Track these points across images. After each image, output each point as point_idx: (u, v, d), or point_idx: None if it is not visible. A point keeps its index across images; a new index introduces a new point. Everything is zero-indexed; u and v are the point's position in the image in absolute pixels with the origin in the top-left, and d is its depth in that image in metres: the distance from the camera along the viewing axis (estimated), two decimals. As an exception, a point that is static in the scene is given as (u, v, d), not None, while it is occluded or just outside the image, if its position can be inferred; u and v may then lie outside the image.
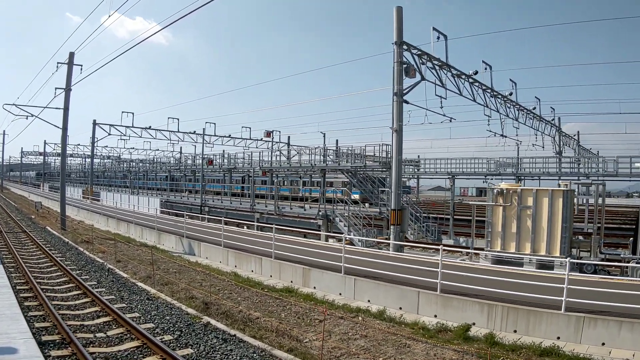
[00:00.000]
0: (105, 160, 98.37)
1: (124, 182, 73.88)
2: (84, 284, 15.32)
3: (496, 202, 21.37)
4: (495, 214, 21.47)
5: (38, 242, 25.60)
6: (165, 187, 60.33)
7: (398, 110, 22.22)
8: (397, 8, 22.53)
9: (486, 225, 21.90)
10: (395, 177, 22.45)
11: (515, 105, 36.49)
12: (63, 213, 35.42)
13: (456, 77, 27.96)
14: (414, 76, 23.22)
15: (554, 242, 20.05)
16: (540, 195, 20.48)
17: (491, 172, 41.96)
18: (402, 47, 22.53)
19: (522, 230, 20.70)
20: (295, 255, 19.35)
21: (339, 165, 35.36)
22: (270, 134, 54.27)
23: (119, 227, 35.94)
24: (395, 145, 22.27)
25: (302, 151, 40.38)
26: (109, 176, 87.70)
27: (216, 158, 52.19)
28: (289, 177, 50.88)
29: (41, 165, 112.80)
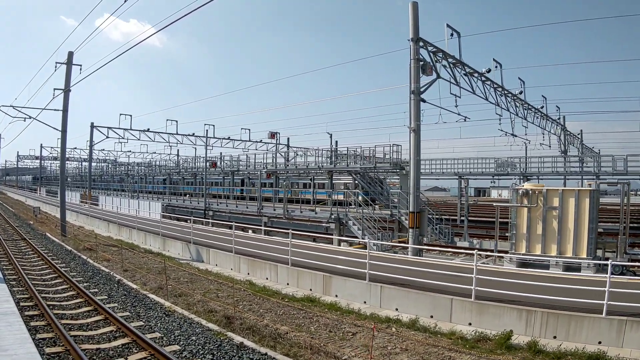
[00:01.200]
0: (102, 163, 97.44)
1: (121, 186, 72.91)
2: (94, 299, 14.30)
3: (521, 203, 20.60)
4: (519, 215, 20.72)
5: (39, 250, 24.60)
6: (164, 190, 59.44)
7: (416, 108, 21.45)
8: (413, 3, 21.76)
9: (510, 227, 21.16)
10: (414, 178, 21.66)
11: (524, 104, 35.78)
12: (63, 219, 34.43)
13: (469, 75, 27.19)
14: (431, 74, 22.47)
15: (581, 243, 19.34)
16: (566, 195, 19.76)
17: (499, 173, 41.49)
18: (418, 44, 21.79)
19: (548, 232, 19.98)
20: (313, 262, 18.50)
21: (347, 166, 34.52)
22: (274, 135, 53.39)
23: (121, 232, 34.97)
24: (413, 145, 21.50)
25: (308, 152, 39.47)
26: (107, 180, 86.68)
27: (219, 160, 51.26)
28: (290, 179, 50.02)
29: (37, 169, 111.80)
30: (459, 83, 25.70)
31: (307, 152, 39.44)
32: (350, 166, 34.04)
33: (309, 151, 39.53)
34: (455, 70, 25.46)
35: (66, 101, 33.49)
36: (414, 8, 21.77)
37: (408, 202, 27.86)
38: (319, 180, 46.32)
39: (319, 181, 46.71)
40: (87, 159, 63.54)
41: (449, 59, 24.57)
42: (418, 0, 21.62)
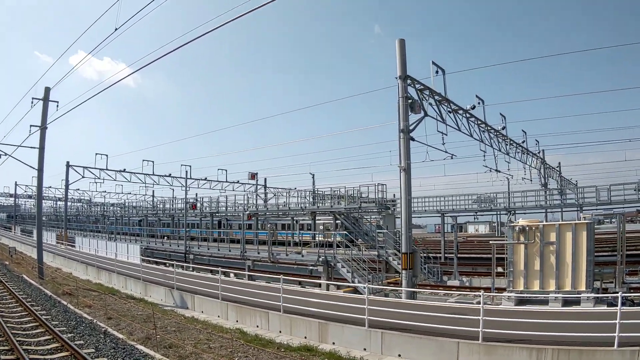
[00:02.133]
0: (77, 203, 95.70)
1: (97, 227, 71.28)
2: (80, 353, 13.40)
3: (518, 239, 20.32)
4: (516, 252, 20.43)
5: (17, 295, 23.44)
6: (140, 232, 58.07)
7: (405, 147, 21.18)
8: (400, 41, 21.73)
9: (507, 264, 20.83)
10: (406, 218, 21.22)
11: (506, 140, 35.93)
12: (40, 261, 33.05)
13: (454, 112, 27.15)
14: (419, 112, 22.31)
15: (579, 276, 19.10)
16: (563, 229, 19.59)
17: (482, 208, 41.54)
18: (406, 82, 21.64)
19: (546, 267, 19.72)
20: (306, 308, 17.80)
21: (331, 207, 34.02)
22: (254, 176, 52.89)
23: (100, 276, 33.79)
24: (404, 184, 21.13)
25: (290, 193, 38.99)
26: (82, 220, 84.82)
27: (198, 202, 50.42)
28: (269, 220, 49.13)
29: (11, 207, 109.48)
30: (445, 120, 25.60)
31: (289, 192, 38.98)
32: (334, 207, 33.54)
33: (290, 192, 39.07)
34: (442, 107, 25.40)
35: (43, 139, 32.56)
36: (401, 45, 21.70)
37: (396, 242, 27.60)
38: (298, 220, 45.62)
39: (299, 222, 46.02)
40: (63, 198, 62.20)
41: (435, 97, 24.50)
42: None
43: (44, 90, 32.85)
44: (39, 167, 32.98)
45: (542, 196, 41.00)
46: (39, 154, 32.71)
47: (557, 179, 53.80)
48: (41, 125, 32.55)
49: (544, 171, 48.82)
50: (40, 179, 34.05)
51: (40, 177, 33.74)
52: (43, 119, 32.52)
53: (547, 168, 50.37)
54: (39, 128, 32.68)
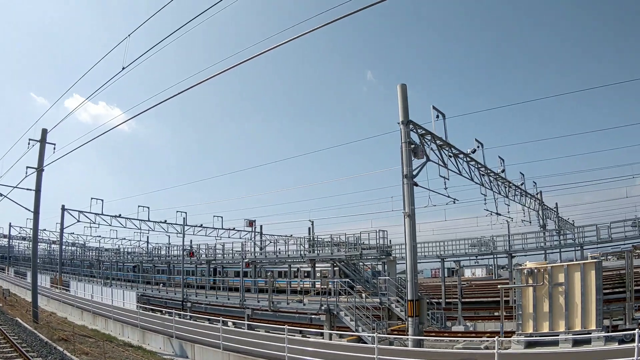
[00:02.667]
0: (71, 247, 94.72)
1: (91, 271, 70.32)
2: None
3: (526, 282, 20.09)
4: (525, 295, 20.23)
5: (12, 340, 22.98)
6: (135, 278, 57.17)
7: (409, 193, 20.98)
8: (402, 86, 21.79)
9: (516, 307, 20.61)
10: (411, 264, 20.87)
11: (505, 182, 35.88)
12: (35, 304, 32.28)
13: (455, 156, 27.10)
14: (422, 157, 22.18)
15: (589, 316, 18.89)
16: (571, 270, 19.48)
17: (483, 252, 41.30)
18: (409, 127, 21.60)
19: (555, 308, 19.50)
20: (312, 359, 17.31)
21: (331, 254, 33.63)
22: (252, 223, 52.51)
23: (96, 321, 33.03)
24: (408, 230, 20.83)
25: (288, 240, 38.66)
26: (76, 264, 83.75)
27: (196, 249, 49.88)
28: (265, 267, 48.42)
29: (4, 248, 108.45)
30: (447, 165, 25.53)
31: (288, 240, 38.64)
32: (335, 254, 33.21)
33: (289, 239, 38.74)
34: (443, 151, 25.35)
35: (39, 181, 32.16)
36: (403, 90, 21.75)
37: (398, 288, 27.24)
38: (295, 267, 45.00)
39: (295, 269, 45.41)
40: (57, 241, 61.53)
41: (437, 141, 24.48)
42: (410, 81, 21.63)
43: (41, 132, 32.54)
44: (35, 209, 32.52)
45: (541, 237, 40.82)
46: (35, 196, 32.27)
47: (555, 219, 53.81)
48: (37, 167, 32.19)
49: (542, 212, 48.75)
50: (36, 222, 33.57)
51: (36, 219, 33.28)
52: (40, 161, 32.19)
53: (545, 209, 50.37)
54: (36, 170, 32.30)
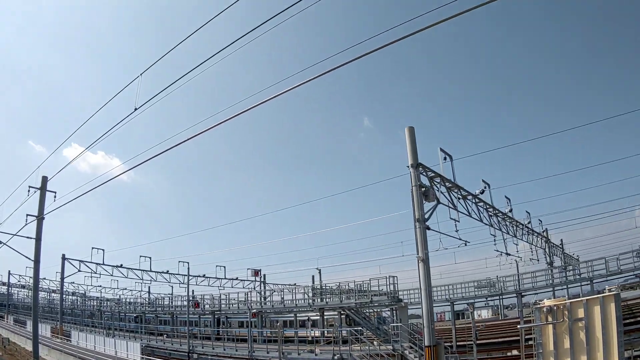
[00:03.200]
0: (71, 296, 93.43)
1: (91, 321, 69.06)
2: None
3: (546, 320, 19.56)
4: (544, 333, 19.67)
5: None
6: (137, 329, 55.96)
7: (422, 237, 20.55)
8: (409, 128, 21.65)
9: (535, 346, 20.02)
10: (427, 309, 20.32)
11: (513, 222, 35.58)
12: (36, 355, 31.06)
13: (464, 198, 26.83)
14: (433, 200, 21.87)
15: (611, 348, 18.19)
16: (591, 304, 18.91)
17: (493, 293, 40.74)
18: (418, 170, 21.37)
19: (576, 344, 18.88)
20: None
21: (341, 303, 32.95)
22: (258, 272, 51.77)
23: (99, 374, 32.18)
24: (423, 274, 20.32)
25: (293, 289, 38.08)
26: (77, 314, 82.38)
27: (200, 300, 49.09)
28: (269, 317, 47.45)
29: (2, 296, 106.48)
30: (456, 207, 25.23)
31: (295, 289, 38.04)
32: (344, 302, 32.57)
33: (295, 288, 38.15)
34: (452, 193, 25.09)
35: (39, 229, 31.14)
36: (411, 133, 21.59)
37: (410, 334, 26.58)
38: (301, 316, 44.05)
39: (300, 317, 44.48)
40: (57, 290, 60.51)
41: (446, 184, 24.22)
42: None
43: (41, 179, 31.86)
44: (35, 258, 31.59)
45: (548, 274, 40.46)
46: (35, 245, 31.35)
47: (561, 255, 53.52)
48: (38, 215, 31.41)
49: (549, 249, 48.47)
50: (37, 271, 32.55)
51: (37, 268, 32.28)
52: (40, 209, 31.45)
53: (552, 246, 50.07)
54: (36, 218, 31.57)
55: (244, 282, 61.25)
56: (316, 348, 30.04)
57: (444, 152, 24.46)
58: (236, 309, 43.72)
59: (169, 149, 16.08)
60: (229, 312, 46.81)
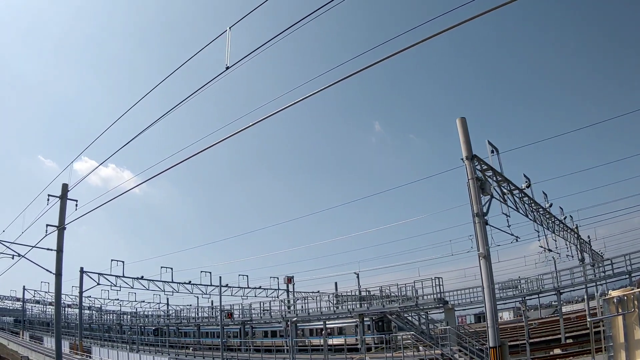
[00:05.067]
0: (87, 310, 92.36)
1: (109, 336, 67.85)
2: None
3: (616, 312, 18.42)
4: (614, 325, 18.46)
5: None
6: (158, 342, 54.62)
7: (482, 233, 19.47)
8: (461, 119, 20.64)
9: (605, 339, 18.83)
10: (491, 308, 19.21)
11: (551, 218, 34.47)
12: (61, 374, 29.98)
13: (510, 192, 25.70)
14: (489, 193, 20.79)
15: None
16: (662, 292, 17.76)
17: (531, 292, 39.57)
18: (474, 162, 20.28)
19: (647, 334, 17.74)
20: None
21: (383, 307, 31.80)
22: (290, 279, 50.51)
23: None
24: (485, 272, 19.21)
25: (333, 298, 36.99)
26: (94, 328, 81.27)
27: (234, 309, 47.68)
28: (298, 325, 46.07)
29: (16, 311, 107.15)
30: (507, 201, 24.11)
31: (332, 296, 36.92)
32: (387, 307, 31.44)
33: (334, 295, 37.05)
34: (502, 187, 23.98)
35: (61, 240, 29.01)
36: (463, 124, 20.58)
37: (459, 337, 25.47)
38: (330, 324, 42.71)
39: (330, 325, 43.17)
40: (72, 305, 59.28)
41: (497, 177, 23.11)
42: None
43: (62, 187, 30.19)
44: (57, 270, 29.64)
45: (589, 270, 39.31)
46: (56, 257, 29.46)
47: (589, 252, 52.41)
48: (59, 225, 29.72)
49: (580, 246, 47.38)
50: (59, 284, 30.57)
51: (59, 281, 30.29)
52: (61, 219, 29.55)
53: (583, 243, 48.97)
54: (57, 228, 29.94)
55: (267, 291, 60.02)
56: (366, 356, 28.80)
57: (491, 144, 23.37)
58: (269, 318, 42.33)
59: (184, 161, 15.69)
60: (260, 321, 45.36)
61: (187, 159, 15.67)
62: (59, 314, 32.53)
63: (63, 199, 30.07)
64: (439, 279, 28.98)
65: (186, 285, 55.68)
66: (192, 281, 55.57)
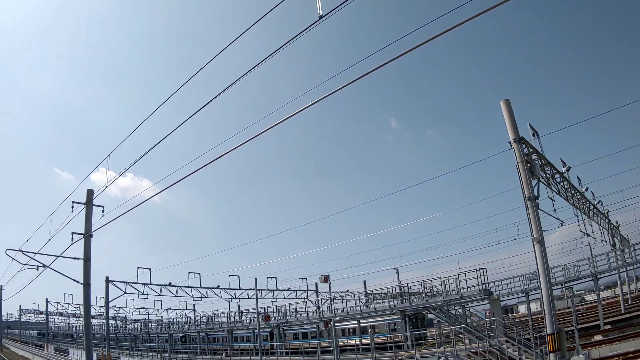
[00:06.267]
0: (111, 320, 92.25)
1: (135, 345, 67.61)
2: None
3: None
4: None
5: None
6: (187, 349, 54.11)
7: (535, 217, 18.96)
8: (505, 101, 20.18)
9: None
10: (547, 294, 18.64)
11: (585, 203, 33.87)
12: (92, 390, 29.36)
13: (552, 176, 25.17)
14: (537, 177, 20.30)
15: None
16: None
17: (569, 279, 38.96)
18: (521, 145, 19.81)
19: None
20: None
21: (426, 302, 31.46)
22: (326, 278, 49.89)
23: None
24: (539, 257, 18.69)
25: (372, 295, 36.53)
26: (119, 338, 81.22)
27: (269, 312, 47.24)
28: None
29: (40, 324, 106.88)
30: (550, 185, 23.61)
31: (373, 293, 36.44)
32: (430, 301, 31.09)
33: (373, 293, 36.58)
34: (546, 171, 23.49)
35: (88, 248, 28.21)
36: (508, 106, 20.13)
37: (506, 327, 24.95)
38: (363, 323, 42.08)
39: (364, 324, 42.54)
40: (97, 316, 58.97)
41: (542, 160, 22.60)
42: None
43: (87, 193, 29.14)
44: (85, 280, 28.55)
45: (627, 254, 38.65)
46: (84, 266, 28.24)
47: (618, 237, 51.76)
48: (85, 233, 28.59)
49: (611, 231, 46.80)
50: (87, 294, 29.43)
51: (87, 291, 29.11)
52: (87, 225, 28.50)
53: (613, 228, 48.38)
54: (83, 236, 28.94)
55: (297, 292, 59.50)
56: (416, 353, 28.26)
57: (532, 128, 22.90)
58: (305, 319, 41.80)
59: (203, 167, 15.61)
60: (297, 323, 44.79)
61: (206, 165, 15.63)
62: (88, 325, 31.15)
63: (89, 205, 29.05)
64: (483, 269, 28.59)
65: (214, 290, 55.28)
66: (220, 285, 55.19)
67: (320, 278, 47.86)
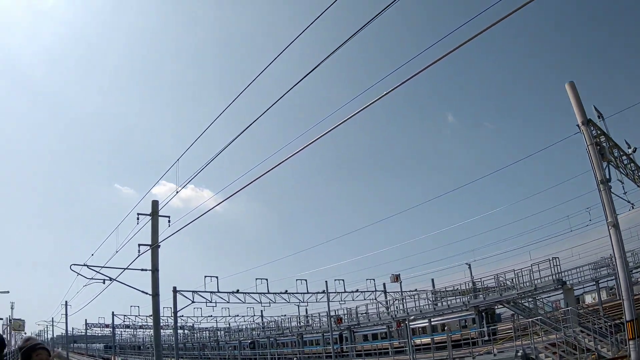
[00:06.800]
0: (179, 330, 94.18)
1: (203, 354, 68.84)
2: None
3: None
4: None
5: None
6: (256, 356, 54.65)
7: (609, 201, 18.56)
8: (570, 84, 19.91)
9: None
10: (625, 280, 18.17)
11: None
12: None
13: (619, 158, 24.45)
14: (607, 159, 19.87)
15: None
16: None
17: (638, 264, 37.80)
18: (590, 127, 19.45)
19: None
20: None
21: (500, 296, 31.32)
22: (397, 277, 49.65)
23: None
24: (615, 242, 18.24)
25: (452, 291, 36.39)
26: (188, 347, 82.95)
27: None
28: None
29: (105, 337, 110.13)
30: (619, 167, 22.94)
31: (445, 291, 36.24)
32: (504, 295, 30.97)
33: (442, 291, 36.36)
34: (614, 153, 22.86)
35: (155, 259, 27.98)
36: (573, 88, 19.87)
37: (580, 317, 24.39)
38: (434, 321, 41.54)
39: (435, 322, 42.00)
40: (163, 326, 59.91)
41: (610, 142, 22.04)
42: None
43: (152, 204, 29.42)
44: (153, 291, 28.72)
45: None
46: (152, 277, 28.42)
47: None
48: (152, 244, 29.00)
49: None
50: (156, 304, 29.57)
51: (156, 302, 29.27)
52: (154, 236, 28.91)
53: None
54: (150, 247, 29.25)
55: (365, 294, 59.17)
56: (493, 348, 27.98)
57: (597, 110, 22.37)
58: (377, 319, 41.71)
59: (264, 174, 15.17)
60: (368, 324, 44.72)
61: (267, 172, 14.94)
62: (158, 336, 31.29)
63: (154, 216, 29.41)
64: (556, 259, 28.08)
65: (282, 294, 55.64)
66: (287, 290, 55.51)
67: (391, 277, 47.48)
